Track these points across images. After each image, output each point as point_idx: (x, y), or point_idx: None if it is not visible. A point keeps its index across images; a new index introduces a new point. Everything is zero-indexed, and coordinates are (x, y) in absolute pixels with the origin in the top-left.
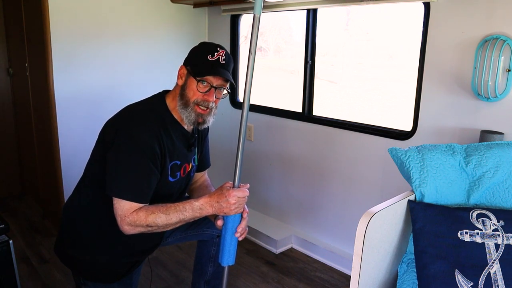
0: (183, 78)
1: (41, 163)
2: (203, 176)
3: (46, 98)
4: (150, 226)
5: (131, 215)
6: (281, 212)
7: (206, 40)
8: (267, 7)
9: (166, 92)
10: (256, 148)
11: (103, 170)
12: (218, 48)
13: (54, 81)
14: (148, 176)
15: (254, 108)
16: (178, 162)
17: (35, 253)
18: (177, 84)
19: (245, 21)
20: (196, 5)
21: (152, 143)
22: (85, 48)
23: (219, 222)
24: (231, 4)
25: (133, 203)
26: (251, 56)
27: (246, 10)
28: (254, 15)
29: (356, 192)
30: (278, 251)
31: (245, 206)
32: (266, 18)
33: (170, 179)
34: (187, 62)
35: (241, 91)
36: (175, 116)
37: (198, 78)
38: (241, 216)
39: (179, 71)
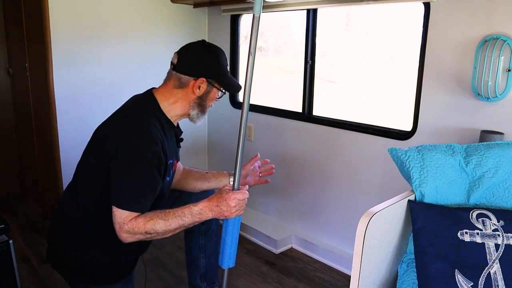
0: (202, 89)
1: (41, 163)
2: (179, 166)
3: (46, 98)
4: (149, 233)
5: (130, 223)
6: (281, 212)
7: (206, 40)
8: (267, 7)
9: (153, 89)
10: (256, 148)
11: (105, 180)
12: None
13: (54, 81)
14: (153, 185)
15: (254, 108)
16: (171, 161)
17: (35, 253)
18: (188, 92)
19: (245, 21)
20: (196, 5)
21: (158, 150)
22: (85, 48)
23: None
24: (231, 4)
25: (134, 212)
26: (250, 56)
27: (246, 10)
28: (253, 14)
29: (356, 192)
30: (278, 251)
31: None
32: (266, 18)
33: (167, 178)
34: (207, 74)
35: (241, 91)
36: (168, 116)
37: (224, 91)
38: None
39: (196, 83)
